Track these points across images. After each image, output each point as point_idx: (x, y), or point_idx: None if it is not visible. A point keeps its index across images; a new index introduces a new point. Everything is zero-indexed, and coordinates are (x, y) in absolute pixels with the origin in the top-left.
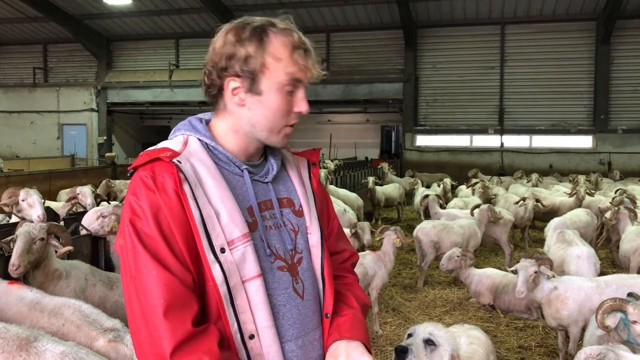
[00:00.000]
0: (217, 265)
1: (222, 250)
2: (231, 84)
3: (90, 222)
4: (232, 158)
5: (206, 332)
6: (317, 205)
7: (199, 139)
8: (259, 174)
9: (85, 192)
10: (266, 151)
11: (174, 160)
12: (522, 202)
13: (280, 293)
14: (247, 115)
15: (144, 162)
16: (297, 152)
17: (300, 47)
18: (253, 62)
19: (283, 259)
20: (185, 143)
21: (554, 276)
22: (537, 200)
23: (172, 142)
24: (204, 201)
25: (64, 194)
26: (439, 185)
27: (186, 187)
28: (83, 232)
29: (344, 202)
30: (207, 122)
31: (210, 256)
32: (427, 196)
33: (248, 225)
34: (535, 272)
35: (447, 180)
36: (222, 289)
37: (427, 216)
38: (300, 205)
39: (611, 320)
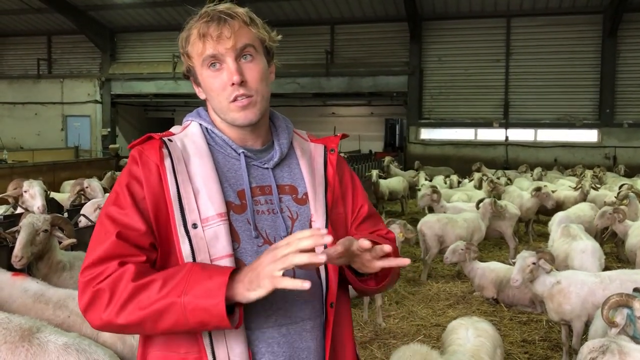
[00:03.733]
0: (186, 240)
1: (194, 226)
2: (193, 83)
3: (89, 214)
4: (229, 142)
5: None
6: (327, 193)
7: (200, 124)
8: (260, 159)
9: (95, 187)
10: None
11: (164, 138)
12: (536, 192)
13: None
14: (209, 105)
15: (139, 141)
16: (315, 139)
17: (204, 20)
18: (186, 59)
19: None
20: (185, 127)
21: (552, 270)
22: (539, 189)
23: (176, 127)
24: (184, 177)
25: (67, 185)
26: (445, 182)
27: (167, 162)
28: (82, 223)
29: None
30: None
31: (181, 230)
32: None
33: (235, 208)
34: (534, 263)
35: (454, 177)
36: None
37: (431, 209)
38: (305, 194)
39: (620, 318)
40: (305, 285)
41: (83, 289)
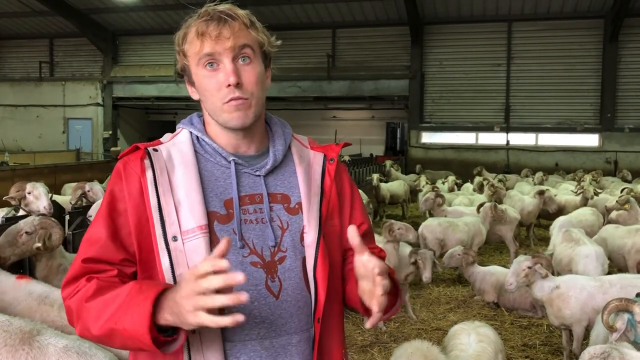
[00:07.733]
0: (165, 253)
1: (175, 239)
2: (187, 83)
3: (92, 215)
4: (219, 149)
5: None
6: (323, 204)
7: (191, 132)
8: (252, 166)
9: (96, 191)
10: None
11: (148, 148)
12: (540, 194)
13: (249, 289)
14: (202, 106)
15: (127, 152)
16: (316, 147)
17: (204, 19)
18: (182, 57)
19: (259, 255)
20: (175, 135)
21: (547, 275)
22: (542, 192)
23: (167, 135)
24: (165, 189)
25: (68, 187)
26: (443, 183)
27: (149, 174)
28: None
29: None
30: None
31: (161, 243)
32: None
33: (220, 218)
34: (529, 267)
35: (451, 178)
36: (167, 276)
37: (432, 213)
38: (298, 203)
39: (620, 323)
40: (239, 318)
41: (65, 305)
